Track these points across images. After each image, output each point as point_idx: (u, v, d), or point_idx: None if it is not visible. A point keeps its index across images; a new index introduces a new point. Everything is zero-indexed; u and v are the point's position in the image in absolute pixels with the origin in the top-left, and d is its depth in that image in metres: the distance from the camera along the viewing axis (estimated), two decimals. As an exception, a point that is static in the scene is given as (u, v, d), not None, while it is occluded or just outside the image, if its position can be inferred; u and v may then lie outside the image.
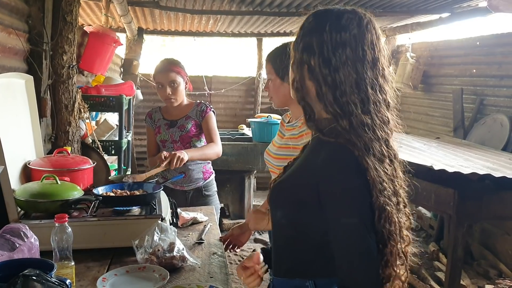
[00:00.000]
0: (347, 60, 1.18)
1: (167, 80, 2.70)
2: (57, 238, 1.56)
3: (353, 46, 1.19)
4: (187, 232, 2.28)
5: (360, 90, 1.19)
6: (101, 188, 2.13)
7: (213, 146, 2.71)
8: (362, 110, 1.18)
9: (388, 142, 1.24)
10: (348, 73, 1.18)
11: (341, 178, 1.16)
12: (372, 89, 1.20)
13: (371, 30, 1.22)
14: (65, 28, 2.52)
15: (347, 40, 1.19)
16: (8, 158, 1.97)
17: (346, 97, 1.18)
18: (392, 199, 1.18)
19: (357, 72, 1.18)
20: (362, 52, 1.19)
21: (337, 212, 1.15)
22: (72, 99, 2.65)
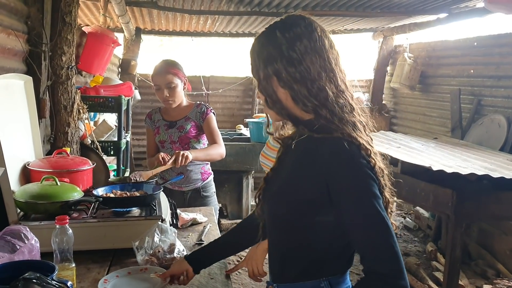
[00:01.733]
0: (307, 50, 1.22)
1: (164, 82, 2.69)
2: (58, 239, 1.55)
3: (307, 36, 1.23)
4: (187, 233, 2.28)
5: (327, 72, 1.23)
6: (101, 189, 2.12)
7: (217, 147, 2.72)
8: (334, 92, 1.23)
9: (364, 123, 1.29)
10: (311, 60, 1.22)
11: (350, 171, 1.17)
12: (337, 66, 1.26)
13: (316, 24, 1.27)
14: (64, 29, 2.52)
15: (300, 33, 1.23)
16: (8, 159, 1.97)
17: (317, 83, 1.22)
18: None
19: (320, 57, 1.23)
20: (318, 38, 1.24)
21: (355, 205, 1.16)
22: (71, 100, 2.64)
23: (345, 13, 5.16)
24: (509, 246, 4.16)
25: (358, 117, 1.27)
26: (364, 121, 1.28)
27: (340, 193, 1.17)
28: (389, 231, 1.13)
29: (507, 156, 3.75)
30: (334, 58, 1.25)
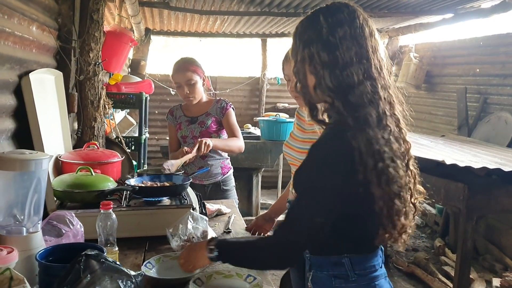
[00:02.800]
0: (346, 36, 1.26)
1: (184, 79, 2.77)
2: (102, 224, 1.62)
3: (349, 23, 1.27)
4: (214, 222, 2.35)
5: (361, 58, 1.27)
6: (133, 179, 2.20)
7: (236, 140, 2.81)
8: (360, 79, 1.27)
9: (392, 105, 1.32)
10: (348, 47, 1.26)
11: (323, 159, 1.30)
12: (374, 54, 1.30)
13: (359, 12, 1.31)
14: (92, 26, 2.60)
15: (342, 19, 1.28)
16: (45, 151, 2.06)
17: (347, 70, 1.26)
18: (394, 161, 1.26)
19: (357, 44, 1.27)
20: (359, 25, 1.28)
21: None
22: (97, 95, 2.73)
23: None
24: (516, 241, 4.25)
25: (383, 107, 1.28)
26: (390, 113, 1.30)
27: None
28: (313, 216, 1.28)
29: (515, 152, 3.83)
30: (372, 46, 1.30)
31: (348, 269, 1.35)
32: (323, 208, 1.29)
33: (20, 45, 2.06)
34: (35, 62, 2.21)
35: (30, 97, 2.04)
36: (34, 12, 2.16)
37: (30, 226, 1.48)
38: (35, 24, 2.19)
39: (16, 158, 1.43)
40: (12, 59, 1.97)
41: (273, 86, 7.57)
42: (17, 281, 1.18)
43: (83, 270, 1.20)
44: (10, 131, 2.02)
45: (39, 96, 2.13)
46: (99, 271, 1.21)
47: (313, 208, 1.28)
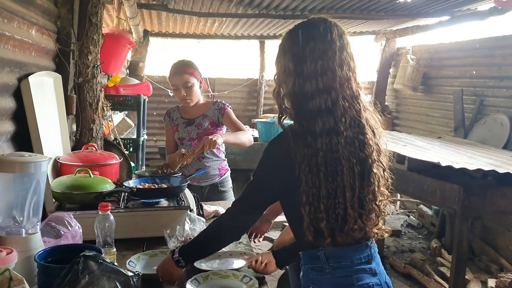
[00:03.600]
0: (315, 50, 1.39)
1: (181, 82, 2.78)
2: (101, 225, 1.65)
3: (321, 38, 1.40)
4: (211, 224, 2.37)
5: (326, 71, 1.39)
6: (131, 181, 2.23)
7: (245, 133, 2.81)
8: (324, 88, 1.39)
9: (358, 112, 1.43)
10: (314, 60, 1.39)
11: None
12: (341, 67, 1.40)
13: (335, 27, 1.43)
14: (90, 29, 2.63)
15: (315, 35, 1.40)
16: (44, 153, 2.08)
17: (308, 81, 1.40)
18: (338, 164, 1.37)
19: (326, 58, 1.39)
20: (331, 40, 1.40)
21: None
22: (96, 97, 2.75)
23: (351, 15, 5.28)
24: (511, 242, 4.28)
25: (340, 115, 1.39)
26: (350, 120, 1.41)
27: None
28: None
29: (511, 154, 3.86)
30: (342, 59, 1.40)
31: (323, 262, 1.42)
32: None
33: (20, 48, 2.08)
34: (35, 65, 2.23)
35: (29, 100, 2.07)
36: (34, 16, 2.19)
37: (29, 227, 1.50)
38: (35, 27, 2.21)
39: (15, 160, 1.46)
40: (11, 62, 1.99)
41: (271, 87, 7.57)
42: (16, 282, 1.21)
43: (82, 271, 1.22)
44: (10, 133, 2.04)
45: (38, 98, 2.16)
46: (97, 272, 1.23)
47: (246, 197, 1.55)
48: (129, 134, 3.66)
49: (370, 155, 1.42)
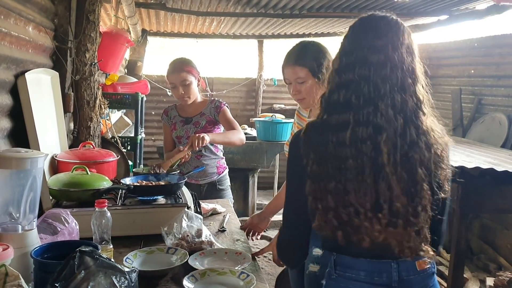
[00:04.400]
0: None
1: (179, 80, 2.78)
2: (97, 222, 1.64)
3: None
4: (208, 221, 2.37)
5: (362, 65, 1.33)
6: (128, 179, 2.22)
7: (236, 133, 2.80)
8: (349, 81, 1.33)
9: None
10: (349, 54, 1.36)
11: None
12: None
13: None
14: (88, 26, 2.62)
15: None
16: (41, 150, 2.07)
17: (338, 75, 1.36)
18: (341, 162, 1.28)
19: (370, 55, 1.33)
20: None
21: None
22: (93, 95, 2.74)
23: (349, 14, 5.27)
24: (510, 240, 4.28)
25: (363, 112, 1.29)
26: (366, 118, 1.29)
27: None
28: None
29: (509, 152, 3.86)
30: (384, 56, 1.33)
31: (330, 266, 1.36)
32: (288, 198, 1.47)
33: (17, 45, 2.07)
34: (32, 62, 2.23)
35: (26, 97, 2.06)
36: (31, 13, 2.18)
37: (25, 223, 1.49)
38: (32, 24, 2.21)
39: (12, 156, 1.45)
40: (8, 59, 1.98)
41: (269, 87, 7.60)
42: (12, 277, 1.20)
43: (78, 266, 1.21)
44: (6, 130, 2.03)
45: (35, 96, 2.15)
46: (93, 267, 1.23)
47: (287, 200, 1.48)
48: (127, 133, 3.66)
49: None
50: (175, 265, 1.70)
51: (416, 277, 1.34)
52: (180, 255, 1.78)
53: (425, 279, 1.36)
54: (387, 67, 1.31)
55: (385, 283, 1.31)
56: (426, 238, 1.29)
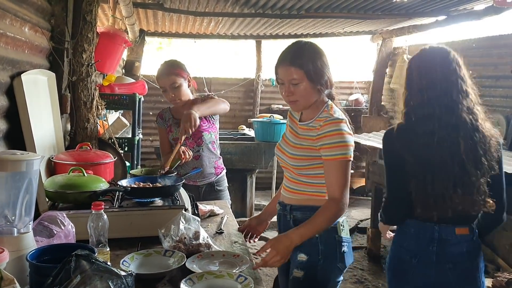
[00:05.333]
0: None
1: (168, 83, 2.76)
2: (94, 224, 1.63)
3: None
4: (206, 223, 2.36)
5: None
6: (124, 181, 2.21)
7: (219, 102, 2.82)
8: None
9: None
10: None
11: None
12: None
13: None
14: (85, 27, 2.60)
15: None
16: (37, 151, 2.06)
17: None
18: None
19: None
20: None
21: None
22: (90, 96, 2.73)
23: (347, 15, 5.27)
24: (508, 241, 4.26)
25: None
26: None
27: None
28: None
29: (507, 153, 3.86)
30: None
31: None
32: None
33: (12, 45, 2.06)
34: (28, 63, 2.21)
35: (22, 98, 2.05)
36: (27, 13, 2.17)
37: (21, 226, 1.48)
38: (28, 25, 2.19)
39: (7, 158, 1.43)
40: (4, 60, 1.97)
41: (267, 87, 7.58)
42: (7, 281, 1.19)
43: (74, 270, 1.20)
44: (2, 132, 2.02)
45: (32, 97, 2.14)
46: (90, 271, 1.21)
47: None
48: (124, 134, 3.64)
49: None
50: (172, 268, 1.69)
51: (454, 239, 1.83)
52: (178, 257, 1.77)
53: (461, 242, 1.84)
54: (458, 84, 1.85)
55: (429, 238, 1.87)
56: (486, 201, 1.80)
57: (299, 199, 1.95)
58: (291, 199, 1.98)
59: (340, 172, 1.80)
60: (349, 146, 1.82)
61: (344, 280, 4.13)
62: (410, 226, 1.90)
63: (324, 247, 1.85)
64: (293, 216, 1.96)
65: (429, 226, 1.85)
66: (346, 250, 1.91)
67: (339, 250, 1.89)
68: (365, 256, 4.67)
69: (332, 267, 1.88)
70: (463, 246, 1.84)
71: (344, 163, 1.81)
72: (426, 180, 1.79)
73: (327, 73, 1.90)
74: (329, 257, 1.87)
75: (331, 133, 1.81)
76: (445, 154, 1.78)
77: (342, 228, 1.90)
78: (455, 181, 1.78)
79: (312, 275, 1.85)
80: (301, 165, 1.91)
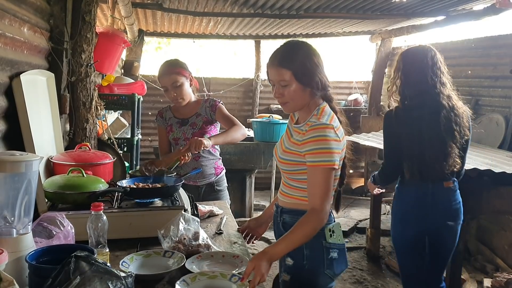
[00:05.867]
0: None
1: (170, 82, 2.74)
2: (93, 225, 1.62)
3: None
4: (205, 224, 2.36)
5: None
6: (124, 181, 2.21)
7: (236, 129, 2.76)
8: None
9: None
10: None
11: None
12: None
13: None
14: (84, 27, 2.60)
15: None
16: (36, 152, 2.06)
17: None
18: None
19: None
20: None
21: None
22: (89, 96, 2.72)
23: (346, 15, 5.27)
24: (507, 242, 4.28)
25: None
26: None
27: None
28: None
29: (507, 153, 3.86)
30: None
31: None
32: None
33: (11, 46, 2.05)
34: (27, 63, 2.21)
35: (21, 99, 2.04)
36: (26, 14, 2.16)
37: (20, 227, 1.47)
38: (27, 25, 2.19)
39: (6, 159, 1.43)
40: (2, 60, 1.96)
41: (266, 87, 7.57)
42: (6, 283, 1.19)
43: (73, 272, 1.20)
44: (1, 132, 2.01)
45: (31, 97, 2.13)
46: (89, 273, 1.21)
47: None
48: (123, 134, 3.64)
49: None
50: (172, 269, 1.69)
51: (443, 191, 2.60)
52: (177, 258, 1.77)
53: (449, 193, 2.62)
54: (440, 77, 2.62)
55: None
56: (457, 163, 2.56)
57: (289, 203, 1.91)
58: (283, 202, 1.95)
59: (321, 179, 1.72)
60: (333, 153, 1.72)
61: (343, 280, 4.14)
62: (409, 184, 2.61)
63: (310, 252, 1.80)
64: (283, 219, 1.93)
65: (424, 183, 2.56)
66: (336, 256, 1.83)
67: (326, 257, 1.82)
68: (364, 256, 4.66)
69: (319, 272, 1.81)
70: (449, 194, 2.60)
71: (326, 170, 1.72)
72: (419, 148, 2.51)
73: (319, 74, 1.80)
74: (315, 262, 1.81)
75: (315, 138, 1.73)
76: (430, 130, 2.49)
77: (332, 233, 1.83)
78: (438, 149, 2.50)
79: (298, 280, 1.82)
80: (290, 170, 1.87)
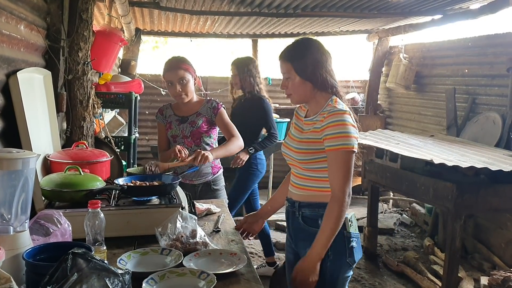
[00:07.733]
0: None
1: (176, 77, 2.75)
2: (90, 223, 1.62)
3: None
4: (203, 222, 2.36)
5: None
6: (121, 179, 2.20)
7: (234, 141, 2.82)
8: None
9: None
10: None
11: None
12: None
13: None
14: (81, 25, 2.59)
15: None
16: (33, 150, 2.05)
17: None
18: None
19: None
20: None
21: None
22: (86, 95, 2.72)
23: (343, 14, 5.27)
24: (504, 240, 4.29)
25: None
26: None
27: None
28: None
29: (503, 151, 3.88)
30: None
31: None
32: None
33: (8, 44, 2.04)
34: (23, 61, 2.20)
35: (18, 96, 2.04)
36: (22, 11, 2.16)
37: (17, 225, 1.47)
38: (23, 23, 2.18)
39: (3, 157, 1.43)
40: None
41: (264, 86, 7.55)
42: (3, 280, 1.18)
43: (70, 269, 1.20)
44: (-2, 130, 2.01)
45: (27, 95, 2.12)
46: (86, 270, 1.21)
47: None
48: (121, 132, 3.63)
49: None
50: (169, 267, 1.68)
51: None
52: (175, 256, 1.77)
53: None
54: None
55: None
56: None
57: (307, 195, 1.96)
58: (299, 196, 2.00)
59: (342, 163, 1.81)
60: (352, 137, 1.82)
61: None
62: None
63: (333, 242, 1.85)
64: (302, 213, 1.98)
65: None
66: (355, 245, 1.93)
67: (348, 246, 1.90)
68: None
69: (342, 262, 1.90)
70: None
71: (346, 153, 1.81)
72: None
73: (320, 69, 1.92)
74: (338, 252, 1.89)
75: (334, 123, 1.82)
76: None
77: (351, 223, 1.92)
78: None
79: (321, 270, 1.86)
80: (307, 159, 1.92)
